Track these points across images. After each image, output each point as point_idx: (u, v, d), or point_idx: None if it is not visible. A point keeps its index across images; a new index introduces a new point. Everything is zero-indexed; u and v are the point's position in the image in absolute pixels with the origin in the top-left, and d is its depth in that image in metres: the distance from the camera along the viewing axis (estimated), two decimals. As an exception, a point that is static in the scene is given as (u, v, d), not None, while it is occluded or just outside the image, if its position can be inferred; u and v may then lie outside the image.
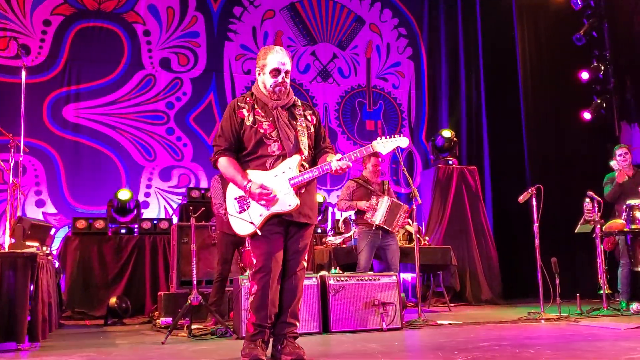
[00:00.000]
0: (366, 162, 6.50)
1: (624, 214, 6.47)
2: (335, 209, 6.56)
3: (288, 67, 3.56)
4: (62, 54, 8.42)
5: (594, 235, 6.35)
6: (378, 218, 6.07)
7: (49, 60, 8.36)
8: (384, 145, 3.51)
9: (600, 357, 3.24)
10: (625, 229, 6.40)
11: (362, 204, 6.15)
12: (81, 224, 7.41)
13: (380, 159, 6.51)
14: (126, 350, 4.31)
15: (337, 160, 3.44)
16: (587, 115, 9.17)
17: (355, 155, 3.47)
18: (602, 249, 6.36)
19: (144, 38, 8.86)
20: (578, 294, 6.09)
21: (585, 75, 9.26)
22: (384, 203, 6.12)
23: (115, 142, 8.52)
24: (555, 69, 9.66)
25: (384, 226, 6.10)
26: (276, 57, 3.53)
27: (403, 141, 3.54)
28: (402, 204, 6.39)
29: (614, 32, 9.25)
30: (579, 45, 9.18)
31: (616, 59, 9.18)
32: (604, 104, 9.15)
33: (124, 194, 7.71)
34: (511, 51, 10.03)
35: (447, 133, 9.04)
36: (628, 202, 6.49)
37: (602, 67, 9.19)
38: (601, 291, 6.27)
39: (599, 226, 6.31)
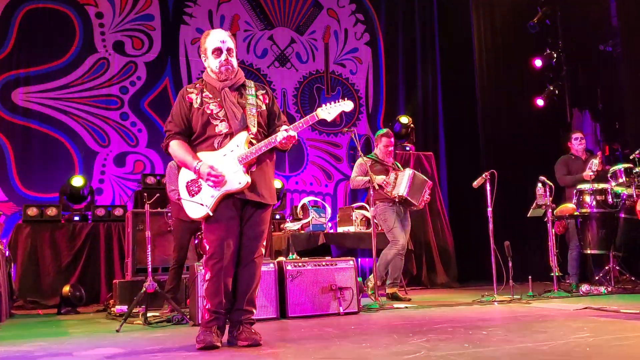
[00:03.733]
0: (377, 142, 6.53)
1: (574, 198, 6.65)
2: (350, 185, 6.53)
3: (230, 44, 3.53)
4: (10, 36, 8.12)
5: (546, 219, 6.50)
6: (401, 190, 6.06)
7: (-5, 42, 8.07)
8: (329, 111, 3.49)
9: (550, 337, 3.33)
10: (575, 213, 6.58)
11: (380, 179, 6.09)
12: (32, 212, 7.20)
13: (391, 139, 6.51)
14: (79, 339, 4.23)
15: (283, 130, 3.42)
16: (540, 102, 9.35)
17: (300, 124, 3.47)
18: (554, 232, 6.53)
19: (97, 20, 8.62)
20: (530, 277, 6.24)
21: (538, 63, 9.42)
22: (405, 175, 6.13)
23: (67, 127, 8.29)
24: (510, 56, 9.80)
25: (410, 199, 6.08)
26: (215, 37, 3.53)
27: (347, 105, 3.50)
28: (426, 179, 6.43)
29: (567, 21, 9.43)
30: (533, 32, 9.33)
31: (568, 47, 9.37)
32: (557, 91, 9.33)
33: (77, 181, 7.54)
34: (467, 38, 10.15)
35: (404, 119, 9.10)
36: (578, 186, 6.66)
37: (555, 55, 9.36)
38: (552, 273, 6.44)
39: (550, 210, 6.47)
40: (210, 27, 9.22)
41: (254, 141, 3.48)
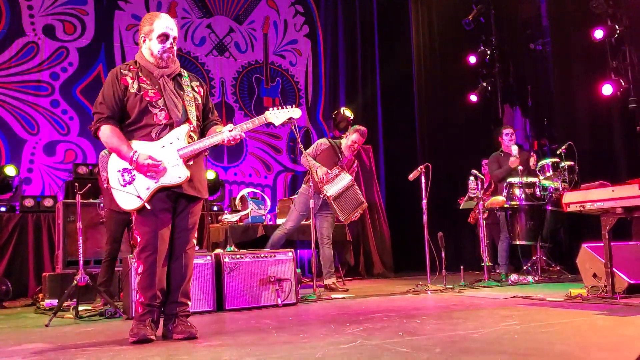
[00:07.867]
0: (350, 133, 6.36)
1: (504, 191, 6.88)
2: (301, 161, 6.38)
3: (175, 33, 3.48)
4: None
5: (477, 211, 6.70)
6: (331, 191, 5.99)
7: None
8: (277, 116, 3.54)
9: (480, 325, 3.45)
10: (505, 205, 6.81)
11: (320, 172, 5.99)
12: (-46, 202, 6.86)
13: (363, 139, 6.36)
14: (5, 334, 4.06)
15: (229, 130, 3.39)
16: (473, 98, 9.60)
17: (247, 125, 3.47)
18: (484, 223, 6.72)
19: (25, 2, 8.23)
20: (462, 267, 6.43)
21: (472, 59, 9.67)
22: (344, 179, 6.06)
23: (-8, 113, 7.92)
24: (446, 52, 10.03)
25: (336, 207, 5.98)
26: (163, 23, 3.44)
27: (296, 112, 3.57)
28: (363, 200, 6.30)
29: (500, 19, 9.72)
30: (468, 29, 9.56)
31: (501, 44, 9.66)
32: (489, 87, 9.62)
33: (10, 170, 7.23)
34: (405, 33, 10.30)
35: (348, 112, 9.13)
36: (508, 180, 6.89)
37: (488, 52, 9.63)
38: (483, 264, 6.65)
39: (481, 202, 6.66)
40: (147, 13, 8.96)
41: (193, 134, 3.43)
